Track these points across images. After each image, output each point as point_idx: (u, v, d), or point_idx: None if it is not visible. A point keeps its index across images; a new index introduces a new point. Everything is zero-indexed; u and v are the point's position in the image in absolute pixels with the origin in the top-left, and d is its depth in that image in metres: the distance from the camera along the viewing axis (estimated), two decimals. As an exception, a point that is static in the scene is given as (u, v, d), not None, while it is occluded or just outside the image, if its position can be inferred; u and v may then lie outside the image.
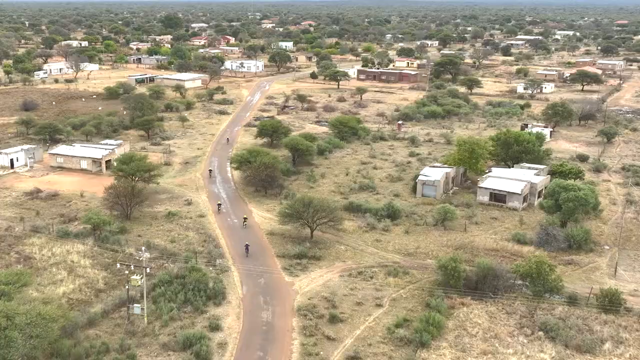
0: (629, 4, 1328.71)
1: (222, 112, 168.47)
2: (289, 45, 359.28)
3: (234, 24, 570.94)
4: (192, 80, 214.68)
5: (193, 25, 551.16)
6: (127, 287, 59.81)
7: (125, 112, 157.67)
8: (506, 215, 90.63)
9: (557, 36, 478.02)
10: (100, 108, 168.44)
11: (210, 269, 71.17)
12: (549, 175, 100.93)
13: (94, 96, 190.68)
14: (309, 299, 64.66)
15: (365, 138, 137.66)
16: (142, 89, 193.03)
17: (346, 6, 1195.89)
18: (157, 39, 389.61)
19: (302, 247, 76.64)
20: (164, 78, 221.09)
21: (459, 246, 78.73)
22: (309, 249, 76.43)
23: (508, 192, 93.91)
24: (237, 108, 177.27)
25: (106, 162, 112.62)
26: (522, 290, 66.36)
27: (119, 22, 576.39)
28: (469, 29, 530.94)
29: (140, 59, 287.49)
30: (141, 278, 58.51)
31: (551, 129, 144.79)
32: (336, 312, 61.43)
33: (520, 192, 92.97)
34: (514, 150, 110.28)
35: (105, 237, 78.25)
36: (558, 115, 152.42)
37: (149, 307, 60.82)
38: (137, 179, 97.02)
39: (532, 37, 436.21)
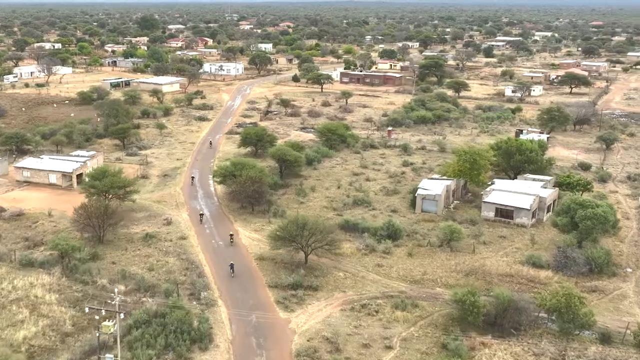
0: (600, 5, 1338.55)
1: (202, 118, 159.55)
2: (268, 47, 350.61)
3: (211, 25, 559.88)
4: (170, 84, 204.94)
5: (170, 26, 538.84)
6: (97, 334, 51.19)
7: (99, 119, 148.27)
8: (515, 233, 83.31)
9: (536, 37, 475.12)
10: (72, 114, 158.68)
11: (194, 303, 62.93)
12: (557, 188, 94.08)
13: (67, 101, 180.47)
14: (308, 341, 56.50)
15: (355, 146, 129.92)
16: (117, 94, 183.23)
17: (323, 7, 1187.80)
18: (133, 41, 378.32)
19: (296, 275, 68.47)
20: (140, 82, 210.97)
21: (470, 271, 71.19)
22: (304, 276, 68.38)
23: (516, 207, 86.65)
24: (218, 114, 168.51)
25: (77, 176, 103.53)
26: (547, 325, 59.08)
27: (94, 23, 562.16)
28: (448, 30, 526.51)
29: (115, 61, 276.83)
30: (114, 324, 49.99)
31: (547, 135, 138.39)
32: (341, 358, 53.40)
33: (529, 208, 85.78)
34: (516, 160, 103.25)
35: (74, 265, 69.43)
36: (554, 120, 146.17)
37: (124, 355, 52.28)
38: (110, 196, 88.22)
39: (512, 39, 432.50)
